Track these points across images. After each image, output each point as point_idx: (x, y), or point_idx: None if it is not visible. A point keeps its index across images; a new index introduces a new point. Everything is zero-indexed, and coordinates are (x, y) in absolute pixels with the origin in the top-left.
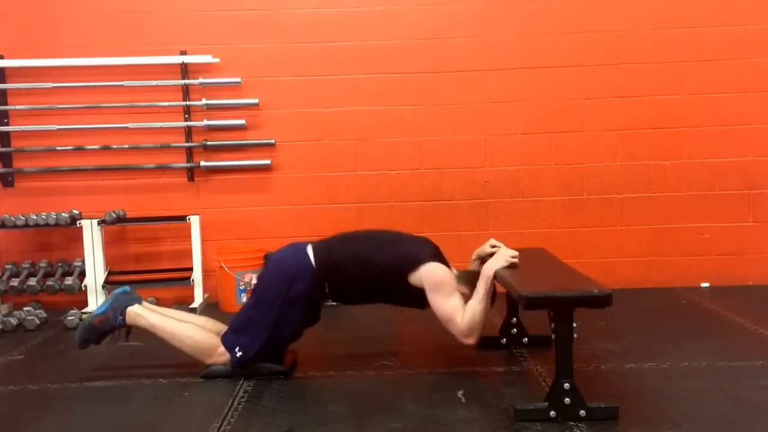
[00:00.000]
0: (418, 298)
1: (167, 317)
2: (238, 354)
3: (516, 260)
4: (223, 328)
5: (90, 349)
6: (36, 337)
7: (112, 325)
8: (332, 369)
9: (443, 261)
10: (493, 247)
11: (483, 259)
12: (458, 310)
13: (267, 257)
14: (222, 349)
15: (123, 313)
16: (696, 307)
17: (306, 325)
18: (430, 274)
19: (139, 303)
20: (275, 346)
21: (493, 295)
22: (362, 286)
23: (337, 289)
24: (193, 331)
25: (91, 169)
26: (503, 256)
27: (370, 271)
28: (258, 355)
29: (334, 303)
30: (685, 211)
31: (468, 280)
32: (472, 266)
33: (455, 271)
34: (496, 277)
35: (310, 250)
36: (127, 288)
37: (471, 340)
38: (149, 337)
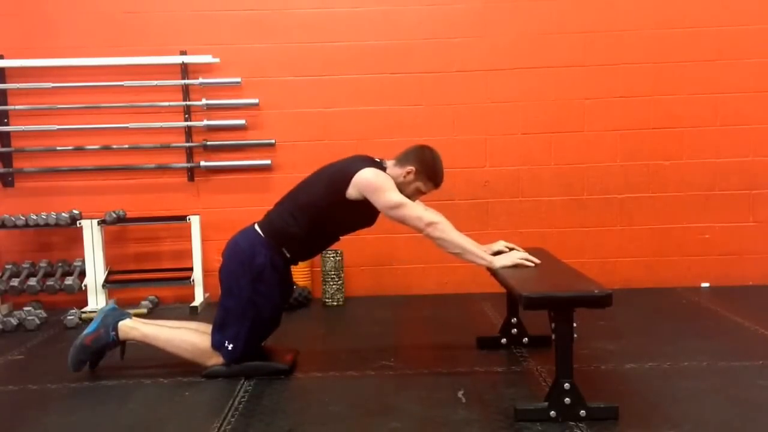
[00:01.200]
0: (366, 211)
1: (160, 326)
2: (230, 347)
3: (525, 262)
4: None
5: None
6: (36, 337)
7: (105, 342)
8: (333, 369)
9: (374, 164)
10: (507, 248)
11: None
12: (405, 200)
13: (222, 252)
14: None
15: (115, 329)
16: (696, 307)
17: (282, 298)
18: (362, 180)
19: (129, 318)
20: (261, 329)
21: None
22: (314, 231)
23: (295, 248)
24: (188, 335)
25: (91, 169)
26: (513, 257)
27: (312, 212)
28: (248, 342)
29: (302, 262)
30: (685, 211)
31: (413, 157)
32: None
33: (391, 160)
34: (497, 276)
35: (256, 226)
36: (114, 305)
37: (435, 231)
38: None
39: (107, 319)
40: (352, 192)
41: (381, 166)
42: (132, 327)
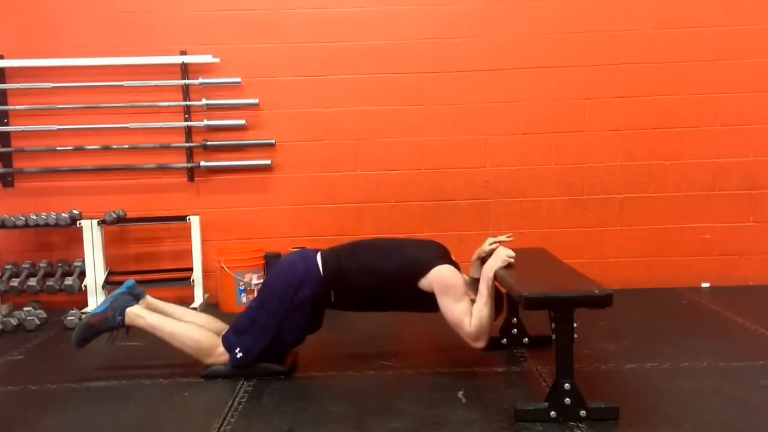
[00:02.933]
0: (428, 302)
1: (167, 317)
2: (239, 355)
3: (510, 259)
4: (224, 327)
5: (90, 349)
6: (36, 337)
7: (110, 325)
8: (333, 369)
9: (451, 262)
10: (492, 245)
11: (483, 259)
12: (466, 313)
13: (276, 261)
14: (221, 349)
15: (122, 314)
16: (696, 307)
17: (308, 331)
18: (438, 278)
19: (143, 298)
20: (276, 350)
21: (500, 296)
22: (368, 294)
23: (342, 297)
24: (192, 330)
25: (91, 169)
26: (500, 256)
27: (377, 279)
28: (258, 358)
29: (339, 310)
30: (685, 211)
31: (475, 286)
32: (474, 267)
33: (466, 277)
34: (496, 277)
35: (318, 257)
36: (128, 284)
37: (480, 344)
38: (149, 337)
39: (116, 302)
40: (424, 283)
41: (457, 269)
42: (138, 315)
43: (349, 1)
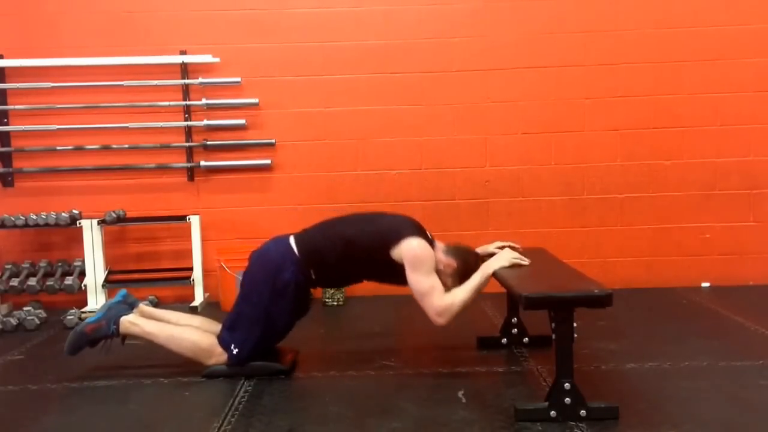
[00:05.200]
0: (400, 274)
1: (163, 323)
2: (235, 351)
3: (519, 260)
4: (220, 327)
5: (90, 349)
6: (36, 337)
7: (104, 334)
8: (333, 369)
9: (425, 237)
10: (499, 248)
11: (484, 258)
12: (435, 288)
13: (251, 254)
14: (220, 349)
15: (116, 323)
16: (696, 307)
17: (297, 315)
18: (409, 249)
19: (137, 306)
20: (270, 339)
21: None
22: (347, 267)
23: (323, 274)
24: (189, 333)
25: (91, 169)
26: (505, 257)
27: (352, 250)
28: (255, 349)
29: (323, 288)
30: (685, 210)
31: (461, 256)
32: None
33: (442, 245)
34: (496, 276)
35: (292, 240)
36: (122, 293)
37: (441, 320)
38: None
39: (111, 311)
40: (396, 253)
41: (430, 242)
42: (133, 323)
43: (349, 1)
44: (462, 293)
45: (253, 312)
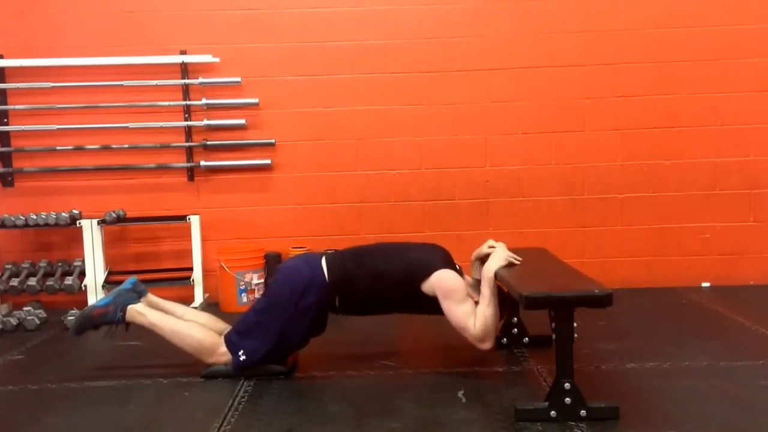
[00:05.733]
0: (432, 305)
1: (168, 315)
2: (242, 357)
3: (513, 259)
4: (225, 326)
5: (90, 349)
6: (36, 337)
7: (110, 319)
8: (332, 369)
9: (453, 267)
10: (491, 247)
11: (483, 260)
12: (470, 315)
13: (279, 264)
14: (223, 348)
15: (123, 310)
16: (697, 306)
17: (312, 334)
18: (440, 282)
19: (145, 296)
20: (279, 353)
21: (502, 295)
22: (373, 298)
23: (347, 302)
24: (194, 330)
25: (91, 169)
26: (500, 256)
27: (381, 284)
28: (262, 360)
29: (343, 315)
30: (685, 210)
31: (477, 287)
32: (474, 268)
33: (469, 279)
34: (496, 277)
35: (323, 261)
36: (132, 280)
37: (487, 345)
38: (149, 336)
39: (119, 298)
40: (426, 287)
41: (458, 270)
42: (140, 312)
43: (348, 0)
44: (487, 309)
45: (270, 325)
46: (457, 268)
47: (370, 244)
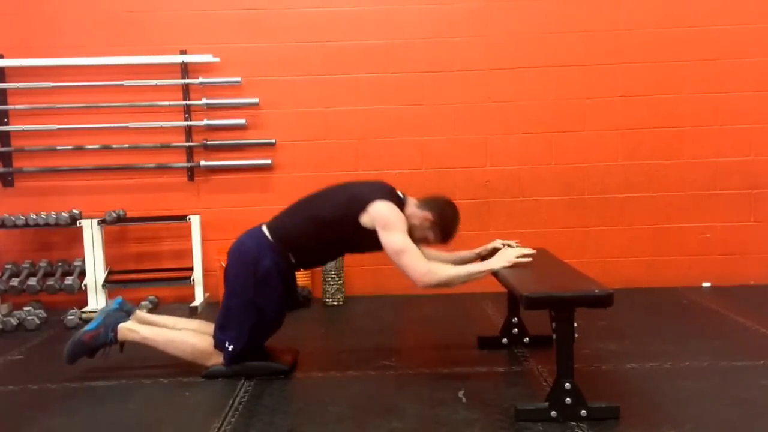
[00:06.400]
0: (375, 240)
1: (160, 327)
2: (230, 348)
3: (519, 261)
4: None
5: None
6: (36, 337)
7: (102, 342)
8: (333, 369)
9: (393, 198)
10: (496, 249)
11: (483, 258)
12: (409, 246)
13: (228, 250)
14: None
15: (114, 330)
16: (697, 306)
17: (287, 304)
18: (377, 212)
19: (133, 313)
20: (263, 331)
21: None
22: (323, 244)
23: (301, 256)
24: (187, 336)
25: (91, 169)
26: (508, 257)
27: (324, 226)
28: (249, 343)
29: (306, 270)
30: (686, 210)
31: (436, 207)
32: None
33: (415, 200)
34: (497, 276)
35: (264, 228)
36: (118, 300)
37: (425, 280)
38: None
39: (108, 319)
40: (365, 219)
41: (401, 201)
42: (131, 329)
43: (349, 0)
44: (454, 270)
45: (240, 306)
46: (401, 197)
47: (305, 196)
